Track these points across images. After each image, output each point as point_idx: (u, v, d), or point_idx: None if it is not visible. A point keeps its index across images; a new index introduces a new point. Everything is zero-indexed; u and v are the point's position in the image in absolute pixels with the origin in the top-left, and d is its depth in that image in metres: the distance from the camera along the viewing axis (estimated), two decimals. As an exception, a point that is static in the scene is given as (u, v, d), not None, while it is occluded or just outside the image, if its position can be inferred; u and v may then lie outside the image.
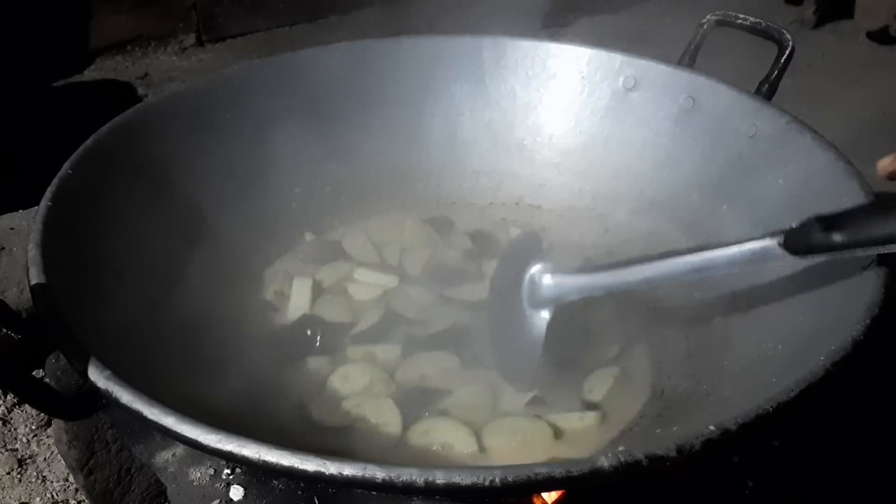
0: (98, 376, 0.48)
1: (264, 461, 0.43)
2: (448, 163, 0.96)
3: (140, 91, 1.57)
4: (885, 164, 0.64)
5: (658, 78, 0.87)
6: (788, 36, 0.84)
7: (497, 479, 0.41)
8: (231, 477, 0.74)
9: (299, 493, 0.72)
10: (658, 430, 0.67)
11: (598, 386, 0.73)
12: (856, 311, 0.54)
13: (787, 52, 0.83)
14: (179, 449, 0.77)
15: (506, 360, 0.74)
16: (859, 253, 0.55)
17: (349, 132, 0.92)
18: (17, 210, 1.09)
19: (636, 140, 0.89)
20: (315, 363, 0.77)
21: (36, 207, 0.63)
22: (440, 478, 0.41)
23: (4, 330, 0.55)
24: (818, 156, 0.70)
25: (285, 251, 0.89)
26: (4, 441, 0.95)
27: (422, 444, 0.68)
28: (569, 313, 0.72)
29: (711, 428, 0.44)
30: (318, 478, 0.42)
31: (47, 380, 0.83)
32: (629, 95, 0.89)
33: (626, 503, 0.67)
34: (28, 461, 0.93)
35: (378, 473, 0.41)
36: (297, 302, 0.82)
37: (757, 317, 0.68)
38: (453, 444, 0.67)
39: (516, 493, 0.42)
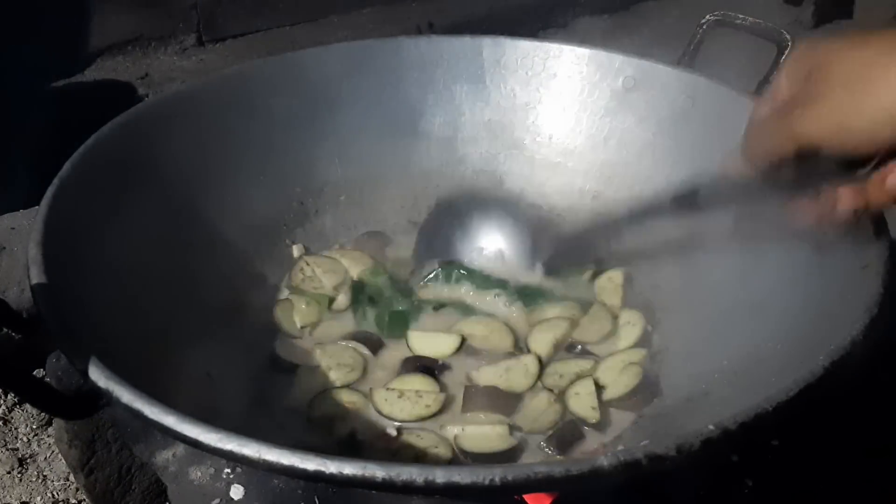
0: (99, 376, 0.48)
1: (264, 460, 0.43)
2: (448, 163, 0.96)
3: (140, 91, 1.56)
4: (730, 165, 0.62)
5: (658, 78, 0.87)
6: (788, 36, 0.84)
7: (497, 479, 0.41)
8: (231, 476, 0.74)
9: (299, 492, 0.72)
10: (657, 430, 0.67)
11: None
12: (854, 311, 0.54)
13: (787, 52, 0.83)
14: (180, 448, 0.77)
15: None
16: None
17: (349, 132, 0.92)
18: (18, 210, 1.09)
19: (636, 140, 0.89)
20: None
21: (36, 207, 0.63)
22: (440, 477, 0.41)
23: (5, 330, 0.55)
24: (817, 156, 0.70)
25: (287, 251, 0.90)
26: (5, 440, 0.95)
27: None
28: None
29: (711, 427, 0.44)
30: (317, 477, 0.42)
31: (48, 379, 0.83)
32: (629, 95, 0.89)
33: (626, 503, 0.67)
34: (29, 460, 0.93)
35: (378, 472, 0.41)
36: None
37: (757, 316, 0.69)
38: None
39: (516, 492, 0.42)
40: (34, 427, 0.96)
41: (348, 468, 0.42)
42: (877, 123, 0.48)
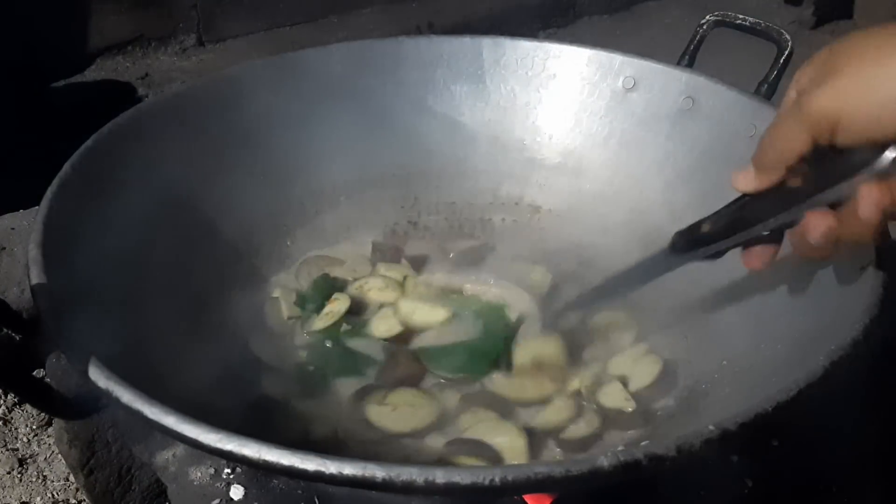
0: (98, 376, 0.48)
1: (264, 461, 0.43)
2: (448, 163, 0.96)
3: (140, 91, 1.56)
4: (742, 178, 0.58)
5: (657, 78, 0.87)
6: (787, 36, 0.84)
7: (497, 479, 0.41)
8: (231, 476, 0.74)
9: (299, 492, 0.72)
10: (658, 430, 0.67)
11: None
12: (855, 311, 0.54)
13: (787, 52, 0.84)
14: (180, 448, 0.77)
15: None
16: (724, 245, 0.60)
17: (349, 132, 0.92)
18: (18, 210, 1.09)
19: (636, 140, 0.89)
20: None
21: (36, 207, 0.63)
22: (440, 477, 0.41)
23: (5, 330, 0.55)
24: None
25: (287, 251, 0.90)
26: (5, 440, 0.95)
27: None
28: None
29: (711, 428, 0.44)
30: (318, 477, 0.42)
31: (48, 380, 0.83)
32: (629, 96, 0.89)
33: (626, 503, 0.67)
34: (28, 461, 0.93)
35: (378, 473, 0.41)
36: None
37: (757, 317, 0.69)
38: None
39: (516, 492, 0.42)
40: (34, 427, 0.96)
41: (348, 468, 0.42)
42: (891, 98, 0.47)
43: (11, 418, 0.97)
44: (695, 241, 0.62)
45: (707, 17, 0.90)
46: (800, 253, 0.55)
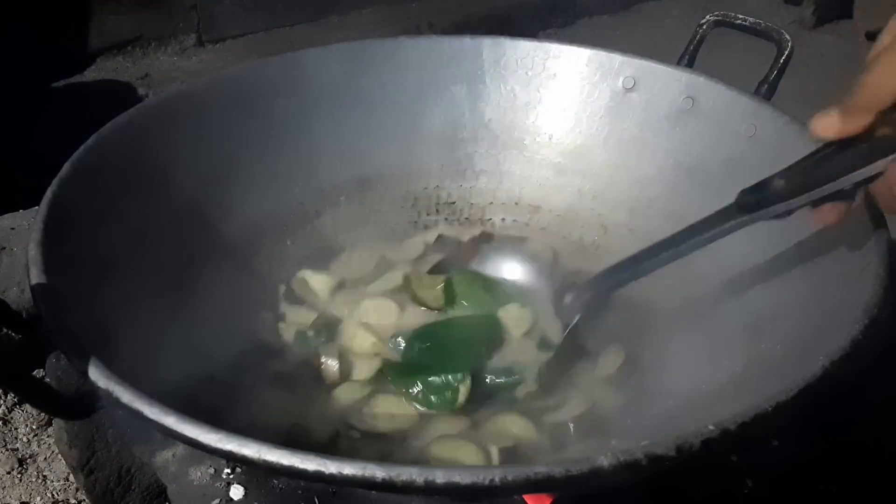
0: (98, 376, 0.48)
1: (264, 460, 0.43)
2: (448, 163, 0.96)
3: (140, 91, 1.57)
4: (826, 123, 0.53)
5: (657, 78, 0.87)
6: (787, 36, 0.84)
7: (497, 479, 0.41)
8: (231, 476, 0.74)
9: (299, 492, 0.72)
10: (657, 430, 0.67)
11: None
12: (855, 311, 0.54)
13: (787, 52, 0.84)
14: (180, 448, 0.77)
15: None
16: (798, 202, 0.57)
17: (349, 132, 0.92)
18: (17, 210, 1.09)
19: (636, 140, 0.89)
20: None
21: (36, 207, 0.63)
22: (440, 477, 0.41)
23: (5, 330, 0.55)
24: (817, 156, 0.70)
25: (287, 251, 0.90)
26: (5, 440, 0.95)
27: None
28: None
29: (711, 427, 0.44)
30: (317, 477, 0.42)
31: (48, 379, 0.83)
32: (629, 95, 0.89)
33: (626, 503, 0.67)
34: (28, 460, 0.93)
35: (378, 473, 0.41)
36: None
37: (757, 317, 0.69)
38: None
39: (516, 492, 0.42)
40: (34, 427, 0.96)
41: (348, 468, 0.42)
42: None
43: (11, 418, 0.97)
44: (765, 199, 0.58)
45: (707, 17, 0.90)
46: (886, 207, 0.53)
